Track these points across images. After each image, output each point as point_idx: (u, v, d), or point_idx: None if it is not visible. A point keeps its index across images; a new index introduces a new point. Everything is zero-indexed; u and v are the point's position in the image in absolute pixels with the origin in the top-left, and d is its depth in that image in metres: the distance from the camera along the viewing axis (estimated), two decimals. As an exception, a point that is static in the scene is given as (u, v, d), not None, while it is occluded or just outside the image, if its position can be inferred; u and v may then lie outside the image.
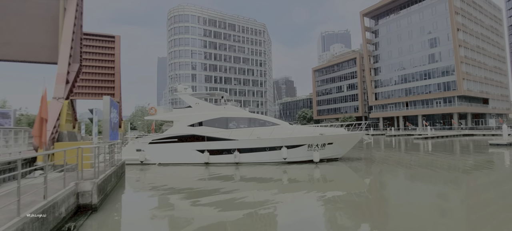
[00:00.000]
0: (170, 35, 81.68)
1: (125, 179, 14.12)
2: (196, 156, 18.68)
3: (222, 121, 19.25)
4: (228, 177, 14.28)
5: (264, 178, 13.94)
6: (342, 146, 18.95)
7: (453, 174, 14.34)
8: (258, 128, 18.75)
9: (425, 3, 67.35)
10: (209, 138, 18.62)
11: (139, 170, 17.30)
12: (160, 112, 20.90)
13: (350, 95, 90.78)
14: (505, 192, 10.49)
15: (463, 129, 57.79)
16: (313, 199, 9.98)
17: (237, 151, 18.21)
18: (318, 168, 16.38)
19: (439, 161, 18.76)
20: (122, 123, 29.12)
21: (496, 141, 29.53)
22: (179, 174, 16.02)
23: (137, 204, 10.22)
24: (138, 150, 19.31)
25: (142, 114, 69.05)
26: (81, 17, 16.02)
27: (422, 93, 66.98)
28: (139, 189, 12.57)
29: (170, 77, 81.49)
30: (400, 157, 21.85)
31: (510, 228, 6.74)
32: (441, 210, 8.48)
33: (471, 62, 63.50)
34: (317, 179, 13.77)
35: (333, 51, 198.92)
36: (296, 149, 18.01)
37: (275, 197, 10.20)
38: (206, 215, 8.26)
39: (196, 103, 19.98)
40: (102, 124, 11.98)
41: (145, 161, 19.13)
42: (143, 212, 8.88)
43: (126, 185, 12.95)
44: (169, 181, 14.33)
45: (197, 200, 10.04)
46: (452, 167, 16.32)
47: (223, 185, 12.50)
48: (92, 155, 9.34)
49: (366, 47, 79.30)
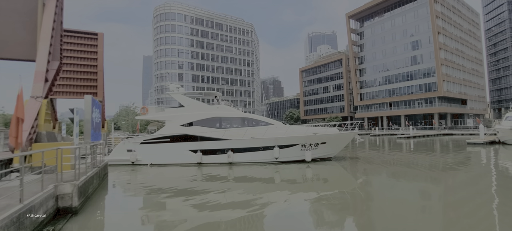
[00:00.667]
0: (156, 34, 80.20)
1: (108, 181, 13.73)
2: (189, 156, 18.43)
3: (216, 120, 19.08)
4: (221, 177, 14.15)
5: (259, 178, 13.93)
6: (334, 145, 19.16)
7: (434, 172, 14.86)
8: (252, 127, 18.66)
9: (408, 6, 69.50)
10: (202, 137, 18.40)
11: (130, 170, 16.90)
12: (151, 112, 20.46)
13: (336, 96, 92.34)
14: (481, 189, 10.98)
15: (443, 128, 60.02)
16: (305, 198, 10.06)
17: (230, 151, 18.10)
18: (309, 167, 16.53)
19: (420, 159, 19.40)
20: (105, 123, 28.31)
21: (473, 140, 30.91)
22: (171, 174, 15.72)
23: (121, 205, 9.95)
24: (129, 150, 18.82)
25: (126, 114, 67.32)
26: (62, 13, 15.42)
27: (405, 94, 69.08)
28: (124, 190, 12.25)
29: (156, 76, 79.99)
30: (384, 156, 22.42)
31: (486, 224, 7.05)
32: (422, 207, 8.77)
33: (451, 64, 66.08)
34: (310, 179, 13.90)
35: (320, 52, 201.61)
36: (289, 149, 18.08)
37: (268, 196, 10.20)
38: (194, 215, 8.14)
39: (189, 103, 19.70)
40: (83, 124, 11.58)
41: (136, 162, 18.69)
42: (128, 214, 8.66)
43: (110, 187, 12.59)
44: (160, 181, 14.04)
45: (187, 200, 9.89)
46: (432, 165, 16.91)
47: (215, 185, 12.38)
48: (73, 156, 9.01)
49: (352, 48, 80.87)
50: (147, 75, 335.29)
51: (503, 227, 6.74)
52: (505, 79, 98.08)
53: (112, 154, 19.14)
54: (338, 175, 14.91)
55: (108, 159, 18.69)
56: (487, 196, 9.75)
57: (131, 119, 63.75)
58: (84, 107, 11.34)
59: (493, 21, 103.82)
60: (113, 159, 18.85)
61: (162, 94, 78.35)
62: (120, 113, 77.31)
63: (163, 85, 78.39)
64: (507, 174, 14.01)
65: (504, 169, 15.27)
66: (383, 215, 7.99)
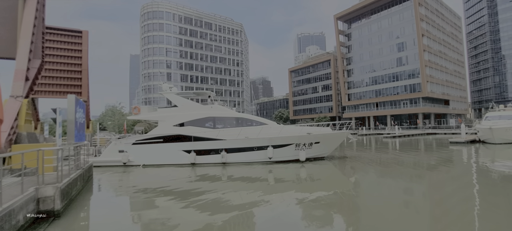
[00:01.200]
0: (144, 32, 78.76)
1: (93, 182, 13.37)
2: (182, 156, 18.22)
3: (209, 120, 18.94)
4: (215, 178, 14.04)
5: (253, 178, 13.88)
6: (328, 145, 19.33)
7: (418, 170, 15.29)
8: (246, 127, 18.58)
9: (394, 9, 71.22)
10: (196, 138, 18.22)
11: (121, 172, 16.54)
12: (144, 111, 20.14)
13: (324, 96, 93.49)
14: (462, 186, 11.37)
15: (427, 128, 61.83)
16: (299, 198, 10.10)
17: (224, 151, 17.99)
18: (303, 167, 16.61)
19: (406, 158, 19.91)
20: (90, 123, 27.56)
21: (455, 139, 32.00)
22: (162, 175, 15.45)
23: (107, 208, 9.69)
24: (121, 151, 18.45)
25: (112, 114, 65.73)
26: (43, 9, 14.90)
27: (391, 95, 70.75)
28: (110, 192, 11.94)
29: (144, 75, 78.57)
30: (372, 155, 22.86)
31: (467, 220, 7.30)
32: (408, 204, 8.99)
33: (434, 66, 68.18)
34: (303, 178, 13.93)
35: (309, 53, 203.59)
36: (284, 148, 18.11)
37: (262, 197, 10.17)
38: (185, 218, 8.02)
39: (182, 103, 19.47)
40: (67, 125, 11.20)
41: (128, 163, 18.32)
42: (114, 217, 8.44)
43: (95, 189, 12.25)
44: (149, 182, 13.76)
45: (177, 202, 9.74)
46: (417, 164, 17.39)
47: (209, 185, 12.25)
48: (55, 158, 8.71)
49: (340, 49, 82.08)
50: (134, 74, 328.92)
51: (484, 222, 7.00)
52: (485, 80, 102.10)
53: (103, 155, 18.73)
54: (331, 174, 15.02)
55: (99, 160, 18.47)
56: (468, 193, 10.11)
57: (117, 119, 62.31)
58: (67, 107, 10.98)
59: (474, 24, 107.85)
60: (104, 160, 18.47)
61: (149, 94, 77.03)
62: (106, 113, 75.43)
63: (150, 85, 77.11)
64: (486, 171, 14.57)
65: (483, 167, 15.88)
66: (371, 213, 8.13)
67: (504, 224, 6.85)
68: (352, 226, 7.28)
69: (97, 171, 16.59)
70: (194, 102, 19.97)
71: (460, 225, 6.96)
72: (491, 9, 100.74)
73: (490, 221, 7.07)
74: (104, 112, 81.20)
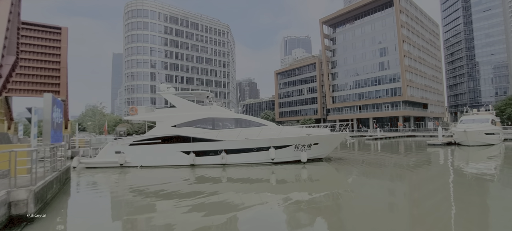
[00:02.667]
0: (127, 31, 76.81)
1: (71, 185, 12.83)
2: (181, 157, 17.98)
3: (208, 121, 18.81)
4: (214, 179, 13.82)
5: (253, 179, 13.78)
6: (327, 146, 19.52)
7: (399, 171, 15.79)
8: (245, 128, 18.53)
9: (376, 15, 73.50)
10: (195, 138, 18.01)
11: (118, 173, 16.08)
12: (141, 112, 19.82)
13: (310, 98, 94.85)
14: (440, 186, 11.86)
15: (407, 130, 64.05)
16: (300, 200, 10.11)
17: (224, 152, 17.86)
18: (305, 168, 16.65)
19: (387, 159, 20.52)
20: (68, 123, 26.50)
21: (433, 141, 33.35)
22: (159, 176, 15.10)
23: (84, 212, 9.29)
24: (117, 152, 18.06)
25: (93, 114, 63.58)
26: (19, 3, 14.21)
27: (373, 98, 72.83)
28: (89, 195, 11.49)
29: (127, 75, 76.53)
30: (355, 156, 23.37)
31: (446, 219, 7.60)
32: (389, 204, 9.25)
33: (414, 71, 70.87)
34: (305, 179, 13.95)
35: (295, 56, 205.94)
36: (283, 150, 18.14)
37: (266, 198, 10.10)
38: (170, 220, 7.85)
39: (181, 104, 19.30)
40: (42, 125, 10.69)
41: (125, 164, 17.89)
42: (91, 221, 8.12)
43: (73, 192, 11.75)
44: (136, 183, 13.36)
45: (167, 204, 9.51)
46: (397, 164, 17.96)
47: (207, 187, 12.06)
48: (29, 159, 8.29)
49: (325, 53, 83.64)
50: (117, 73, 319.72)
51: (459, 220, 7.32)
52: (460, 85, 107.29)
53: (99, 156, 18.39)
54: (330, 175, 15.12)
55: (94, 161, 18.21)
56: (445, 193, 10.56)
57: (98, 120, 60.29)
58: (43, 107, 10.48)
59: (450, 32, 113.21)
60: (100, 161, 18.12)
61: (133, 94, 75.12)
62: (86, 113, 72.90)
63: (134, 85, 75.25)
64: (461, 172, 15.28)
65: (458, 168, 16.65)
66: (355, 213, 8.30)
67: (476, 221, 7.20)
68: (336, 226, 7.40)
69: (91, 173, 16.28)
70: (192, 103, 19.85)
71: (438, 222, 7.25)
72: (466, 18, 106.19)
73: (464, 219, 7.40)
74: (84, 112, 78.46)
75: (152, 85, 75.92)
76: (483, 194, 10.47)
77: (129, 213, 8.77)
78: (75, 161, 18.03)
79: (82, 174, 16.24)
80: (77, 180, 14.40)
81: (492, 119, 32.73)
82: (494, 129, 31.46)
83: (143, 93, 75.12)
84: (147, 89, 75.44)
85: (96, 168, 17.88)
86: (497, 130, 32.46)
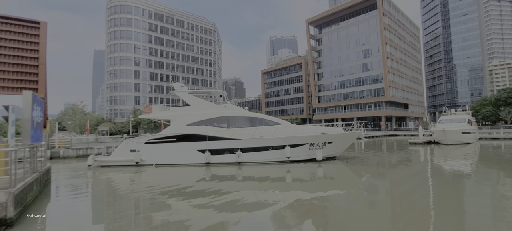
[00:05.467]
0: (110, 27, 74.48)
1: (51, 187, 12.35)
2: (196, 156, 18.04)
3: (224, 119, 18.91)
4: (231, 177, 13.85)
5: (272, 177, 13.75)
6: (341, 144, 19.74)
7: (381, 169, 16.31)
8: (261, 127, 18.68)
9: (361, 17, 75.31)
10: (210, 137, 18.07)
11: (134, 172, 16.03)
12: (155, 110, 19.97)
13: (296, 98, 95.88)
14: (420, 183, 12.39)
15: (389, 130, 66.12)
16: (316, 199, 10.15)
17: (239, 151, 17.90)
18: (321, 166, 16.75)
19: (370, 158, 21.11)
20: (47, 122, 25.43)
21: (414, 140, 34.65)
22: (176, 175, 14.98)
23: (65, 215, 8.98)
24: (132, 150, 18.14)
25: (73, 113, 61.18)
26: (-5, -4, 13.46)
27: (357, 98, 74.64)
28: (69, 197, 11.10)
29: (109, 72, 74.24)
30: (339, 155, 23.85)
31: (425, 216, 7.95)
32: (371, 202, 9.55)
33: (396, 72, 73.24)
34: (321, 177, 14.04)
35: (281, 55, 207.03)
36: (298, 148, 18.27)
37: (282, 197, 10.07)
38: (159, 223, 7.73)
39: (195, 102, 19.44)
40: (21, 124, 10.21)
41: (141, 162, 17.96)
42: (73, 224, 7.86)
43: (53, 194, 11.31)
44: (122, 184, 13.01)
45: (182, 201, 9.33)
46: (380, 163, 18.55)
47: (224, 185, 12.01)
48: (7, 160, 7.91)
49: (311, 53, 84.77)
50: (98, 71, 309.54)
51: (439, 217, 7.68)
52: (439, 87, 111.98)
53: (113, 155, 18.51)
54: (345, 174, 15.19)
55: (109, 160, 18.38)
56: (425, 189, 11.03)
57: (78, 118, 58.10)
58: (22, 105, 10.01)
59: (430, 35, 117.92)
60: (115, 160, 18.24)
61: (115, 92, 73.00)
62: (66, 112, 70.04)
63: (117, 83, 73.14)
64: (439, 169, 15.99)
65: (437, 166, 17.42)
66: (338, 210, 8.52)
67: (452, 215, 7.58)
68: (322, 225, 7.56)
69: (105, 171, 16.36)
70: (207, 101, 19.97)
71: (417, 218, 7.58)
72: (445, 22, 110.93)
73: (442, 213, 7.78)
74: (64, 111, 75.37)
75: (136, 84, 74.11)
76: (458, 189, 11.02)
77: (113, 213, 8.56)
78: (90, 159, 18.23)
79: (97, 172, 16.30)
80: (85, 180, 13.87)
81: (469, 119, 34.40)
82: (470, 128, 33.08)
83: (126, 92, 73.17)
84: (130, 87, 73.54)
85: (111, 166, 17.96)
86: (473, 129, 34.16)
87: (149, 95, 76.61)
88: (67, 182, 13.94)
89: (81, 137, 40.37)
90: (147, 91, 76.28)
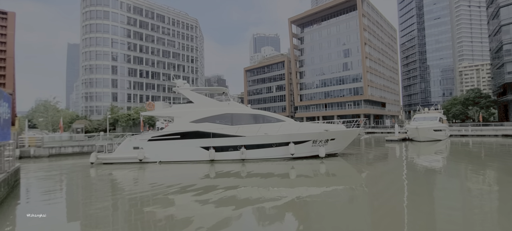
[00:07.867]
0: (85, 19, 71.03)
1: (20, 189, 11.65)
2: (200, 153, 17.95)
3: (227, 117, 18.83)
4: (235, 174, 13.78)
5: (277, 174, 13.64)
6: (342, 141, 20.05)
7: (359, 165, 16.87)
8: (265, 124, 18.69)
9: (341, 18, 77.11)
10: (214, 134, 17.99)
11: (138, 169, 15.82)
12: (158, 107, 19.74)
13: (278, 96, 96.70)
14: (395, 178, 12.95)
15: (367, 127, 68.41)
16: (320, 194, 10.14)
17: (243, 148, 17.87)
18: (323, 163, 16.95)
19: (349, 155, 21.77)
20: (16, 119, 23.93)
21: (390, 137, 36.13)
22: (182, 172, 14.77)
23: (36, 217, 8.51)
24: (135, 147, 18.01)
25: (45, 110, 57.94)
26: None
27: (337, 97, 76.57)
28: (39, 199, 10.52)
29: (84, 67, 70.93)
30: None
31: (400, 210, 8.33)
32: (350, 198, 9.86)
33: (374, 72, 75.84)
34: (323, 174, 14.23)
35: (264, 53, 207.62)
36: (301, 145, 18.41)
37: (287, 193, 9.99)
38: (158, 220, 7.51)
39: (198, 99, 19.30)
40: (-14, 121, 9.51)
41: (145, 160, 17.86)
42: (43, 227, 7.48)
43: (23, 196, 10.67)
44: (106, 182, 12.46)
45: (189, 198, 9.03)
46: (358, 159, 19.18)
47: (232, 182, 12.05)
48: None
49: (293, 52, 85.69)
50: (72, 66, 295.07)
51: (412, 211, 8.09)
52: (413, 86, 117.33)
53: (116, 152, 18.27)
54: (346, 170, 15.47)
55: (112, 157, 18.10)
56: (400, 185, 11.55)
57: (51, 116, 55.11)
58: (-13, 101, 9.33)
59: (406, 37, 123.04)
60: (118, 157, 18.03)
61: (91, 88, 69.89)
62: (37, 108, 66.12)
63: (92, 78, 70.08)
64: (413, 165, 16.83)
65: (410, 161, 18.36)
66: (319, 206, 8.72)
67: (424, 208, 8.01)
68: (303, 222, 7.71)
69: (108, 169, 16.03)
70: (210, 98, 19.81)
71: (391, 211, 7.93)
72: (420, 24, 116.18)
73: (415, 208, 8.20)
74: (35, 107, 71.16)
75: (113, 79, 71.34)
76: (429, 183, 11.64)
77: (81, 219, 8.24)
78: (93, 157, 17.87)
79: (99, 170, 15.89)
80: (85, 178, 13.10)
81: (440, 117, 36.36)
82: (442, 126, 35.00)
83: (103, 88, 70.27)
84: (107, 83, 70.69)
85: (114, 163, 17.67)
86: (444, 127, 36.17)
87: (128, 91, 74.10)
88: (38, 184, 13.21)
89: (54, 135, 38.32)
90: (125, 87, 73.69)
